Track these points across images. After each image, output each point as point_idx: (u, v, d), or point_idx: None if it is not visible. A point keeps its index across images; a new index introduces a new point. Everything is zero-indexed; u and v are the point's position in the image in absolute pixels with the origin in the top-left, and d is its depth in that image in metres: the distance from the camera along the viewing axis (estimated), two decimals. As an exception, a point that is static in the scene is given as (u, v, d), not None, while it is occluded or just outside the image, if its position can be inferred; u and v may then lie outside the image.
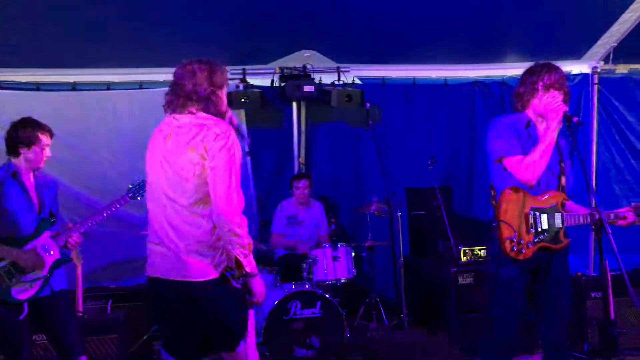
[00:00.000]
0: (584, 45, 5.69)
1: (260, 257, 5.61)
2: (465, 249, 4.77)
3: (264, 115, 5.75)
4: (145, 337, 4.68)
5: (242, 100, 5.35)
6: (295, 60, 5.51)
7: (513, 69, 5.99)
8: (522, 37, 5.60)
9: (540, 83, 3.14)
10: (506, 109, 5.93)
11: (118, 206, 3.63)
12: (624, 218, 3.12)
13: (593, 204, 3.07)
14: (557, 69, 3.17)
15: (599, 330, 4.36)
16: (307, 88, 5.42)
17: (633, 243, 6.09)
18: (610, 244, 2.77)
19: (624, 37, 5.43)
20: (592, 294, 4.50)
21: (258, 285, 2.62)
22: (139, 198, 4.11)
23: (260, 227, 5.64)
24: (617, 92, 6.05)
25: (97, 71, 5.36)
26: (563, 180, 3.18)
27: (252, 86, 5.54)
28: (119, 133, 5.46)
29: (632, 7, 5.03)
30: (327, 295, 4.53)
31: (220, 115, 2.65)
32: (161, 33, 4.89)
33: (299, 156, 5.80)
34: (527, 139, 3.20)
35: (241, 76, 5.48)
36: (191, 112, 2.61)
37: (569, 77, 5.93)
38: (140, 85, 5.49)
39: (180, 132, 2.59)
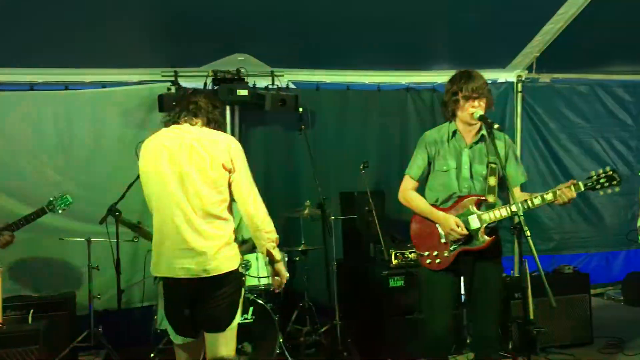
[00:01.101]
0: (508, 54, 5.92)
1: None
2: (396, 252, 4.84)
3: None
4: (69, 348, 4.50)
5: (174, 103, 5.22)
6: (228, 63, 5.44)
7: (443, 76, 6.13)
8: (451, 45, 5.77)
9: (460, 94, 3.24)
10: (436, 114, 6.08)
11: (36, 217, 3.50)
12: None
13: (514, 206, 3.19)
14: (477, 77, 3.25)
15: (520, 329, 4.52)
16: (241, 92, 5.35)
17: (555, 245, 6.43)
18: (529, 246, 2.90)
19: (546, 47, 5.69)
20: (516, 295, 4.67)
21: (283, 268, 3.12)
22: (60, 211, 3.99)
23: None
24: (540, 100, 6.33)
25: (19, 71, 5.11)
26: (492, 180, 3.26)
27: (185, 89, 5.44)
28: (43, 136, 5.23)
29: (553, 19, 5.27)
30: (259, 301, 4.49)
31: (219, 129, 3.06)
32: (89, 33, 4.71)
33: (231, 160, 5.73)
34: (452, 150, 3.31)
35: (173, 79, 5.38)
36: (201, 125, 3.00)
37: (495, 84, 6.19)
38: (66, 86, 5.28)
39: (204, 148, 2.90)
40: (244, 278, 3.18)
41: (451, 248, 3.23)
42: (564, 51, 5.69)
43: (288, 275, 3.19)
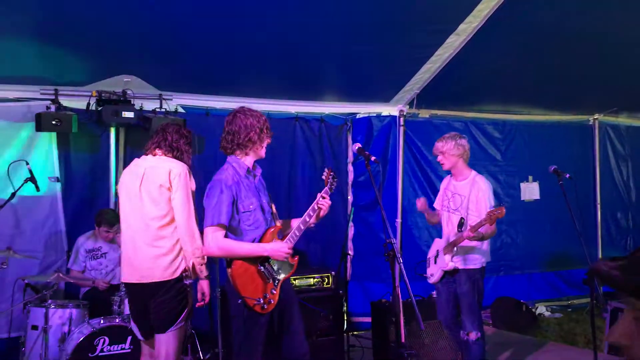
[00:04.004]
0: (392, 90, 6.24)
1: (67, 293, 5.26)
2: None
3: (78, 140, 5.44)
4: None
5: (54, 122, 5.00)
6: (114, 84, 5.31)
7: (331, 107, 6.39)
8: (339, 79, 6.01)
9: (266, 132, 3.43)
10: (323, 143, 6.29)
11: None
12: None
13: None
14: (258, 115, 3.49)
15: (393, 353, 4.72)
16: (126, 114, 5.22)
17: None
18: (402, 273, 3.07)
19: (426, 85, 6.06)
20: (393, 319, 4.86)
21: (208, 287, 3.63)
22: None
23: (68, 259, 5.27)
24: (420, 133, 6.71)
25: None
26: (273, 207, 3.61)
27: (65, 108, 5.23)
28: None
29: (432, 59, 5.63)
30: (138, 330, 4.36)
31: (181, 156, 3.65)
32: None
33: (116, 184, 5.55)
34: (250, 188, 3.40)
35: (53, 97, 5.16)
36: (157, 154, 3.62)
37: (379, 117, 6.50)
38: None
39: (152, 172, 3.53)
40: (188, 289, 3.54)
41: (275, 284, 3.34)
42: (442, 90, 6.11)
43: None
